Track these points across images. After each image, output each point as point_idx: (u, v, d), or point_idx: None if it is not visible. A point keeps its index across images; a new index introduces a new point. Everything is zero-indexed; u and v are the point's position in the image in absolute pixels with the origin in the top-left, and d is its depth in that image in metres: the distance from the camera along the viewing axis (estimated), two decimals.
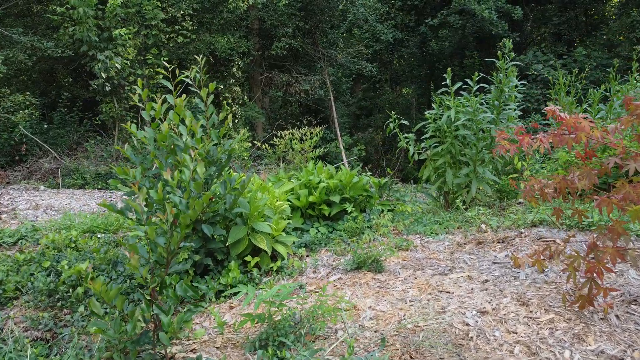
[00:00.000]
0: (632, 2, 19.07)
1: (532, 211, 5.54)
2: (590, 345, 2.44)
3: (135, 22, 13.33)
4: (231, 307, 3.74)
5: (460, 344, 2.61)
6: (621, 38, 19.37)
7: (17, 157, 12.70)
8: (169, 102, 4.07)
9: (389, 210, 6.08)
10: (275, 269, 4.31)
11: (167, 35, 14.27)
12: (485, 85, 6.88)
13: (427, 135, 6.89)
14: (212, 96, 4.27)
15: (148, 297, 2.67)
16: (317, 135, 8.64)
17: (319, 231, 5.40)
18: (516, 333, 2.62)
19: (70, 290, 4.03)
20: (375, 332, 2.89)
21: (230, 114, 4.26)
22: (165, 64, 4.05)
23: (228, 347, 3.02)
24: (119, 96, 13.16)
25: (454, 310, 2.98)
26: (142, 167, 4.11)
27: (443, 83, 6.98)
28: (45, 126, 14.12)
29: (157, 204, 3.32)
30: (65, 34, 12.37)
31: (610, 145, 3.03)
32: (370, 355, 2.59)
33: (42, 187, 11.19)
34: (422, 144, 6.96)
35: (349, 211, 5.49)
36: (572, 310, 2.80)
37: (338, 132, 17.03)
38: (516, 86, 6.78)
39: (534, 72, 17.38)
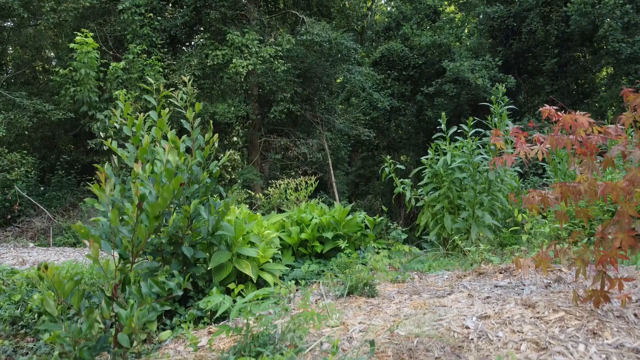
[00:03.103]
0: (621, 72, 19.57)
1: (534, 251, 5.29)
2: (607, 339, 2.13)
3: (137, 86, 13.63)
4: (210, 332, 3.40)
5: (459, 347, 2.29)
6: (613, 108, 19.74)
7: (9, 217, 12.47)
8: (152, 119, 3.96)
9: (385, 249, 5.79)
10: (260, 297, 3.98)
11: (167, 100, 14.53)
12: (480, 129, 6.84)
13: (424, 182, 6.76)
14: (199, 119, 4.16)
15: (108, 295, 2.39)
16: (312, 185, 8.48)
17: (310, 268, 5.10)
18: (522, 332, 2.30)
19: (37, 317, 3.70)
20: (365, 341, 2.57)
21: (217, 135, 4.12)
22: (150, 80, 3.97)
23: None
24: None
25: (453, 318, 2.67)
26: (122, 186, 3.92)
27: (438, 127, 6.94)
28: (42, 188, 14.03)
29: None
30: (66, 95, 12.60)
31: (613, 139, 2.86)
32: None
33: (31, 245, 10.88)
34: (419, 190, 6.83)
35: (342, 248, 5.21)
36: (584, 308, 2.49)
37: (336, 195, 16.90)
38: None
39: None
